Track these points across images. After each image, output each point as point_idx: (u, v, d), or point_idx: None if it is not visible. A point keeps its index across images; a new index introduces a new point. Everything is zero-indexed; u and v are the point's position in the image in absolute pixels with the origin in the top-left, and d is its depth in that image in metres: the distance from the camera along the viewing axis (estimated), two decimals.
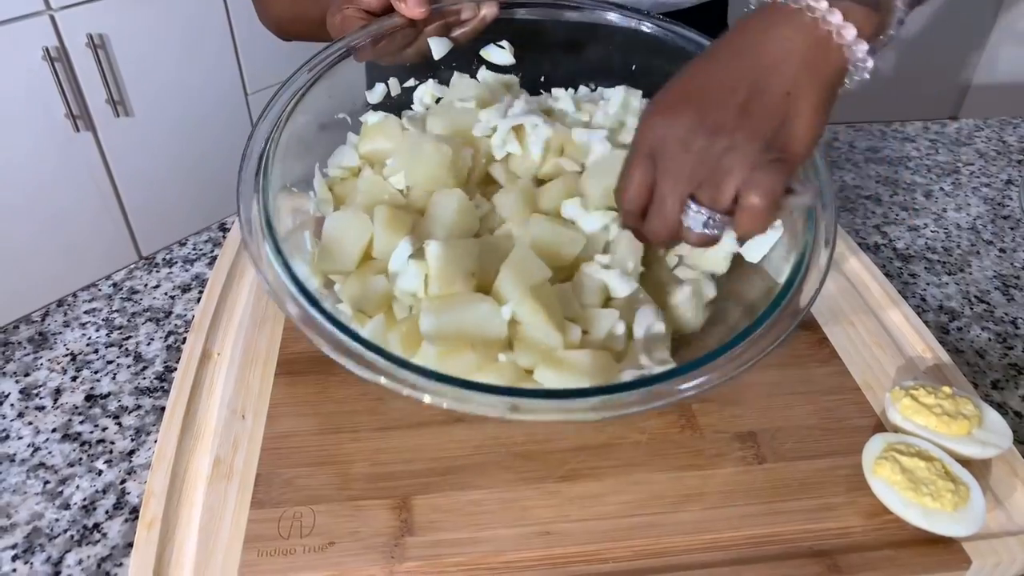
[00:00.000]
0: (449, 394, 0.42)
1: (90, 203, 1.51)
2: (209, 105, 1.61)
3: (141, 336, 0.60)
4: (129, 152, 1.52)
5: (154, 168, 1.57)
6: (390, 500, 0.47)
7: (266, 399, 0.53)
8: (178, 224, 0.69)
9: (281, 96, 0.55)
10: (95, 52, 1.38)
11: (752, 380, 0.55)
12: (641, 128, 0.44)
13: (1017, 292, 0.67)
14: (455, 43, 0.62)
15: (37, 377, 0.57)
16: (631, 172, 0.44)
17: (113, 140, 1.49)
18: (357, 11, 0.60)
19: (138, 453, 0.51)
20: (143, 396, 0.55)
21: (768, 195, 0.41)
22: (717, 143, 0.41)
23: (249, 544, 0.44)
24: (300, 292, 0.46)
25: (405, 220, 0.54)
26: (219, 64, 1.60)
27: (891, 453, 0.47)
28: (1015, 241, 0.73)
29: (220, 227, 0.72)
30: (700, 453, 0.50)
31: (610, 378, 0.47)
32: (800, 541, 0.45)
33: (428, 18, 0.59)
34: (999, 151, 0.87)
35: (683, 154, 0.42)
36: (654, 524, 0.46)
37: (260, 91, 1.69)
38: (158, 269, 0.67)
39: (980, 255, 0.71)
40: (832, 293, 0.62)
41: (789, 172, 0.42)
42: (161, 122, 1.55)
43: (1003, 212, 0.77)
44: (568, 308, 0.50)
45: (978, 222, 0.75)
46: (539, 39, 0.66)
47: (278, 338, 0.58)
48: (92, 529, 0.47)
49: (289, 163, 0.55)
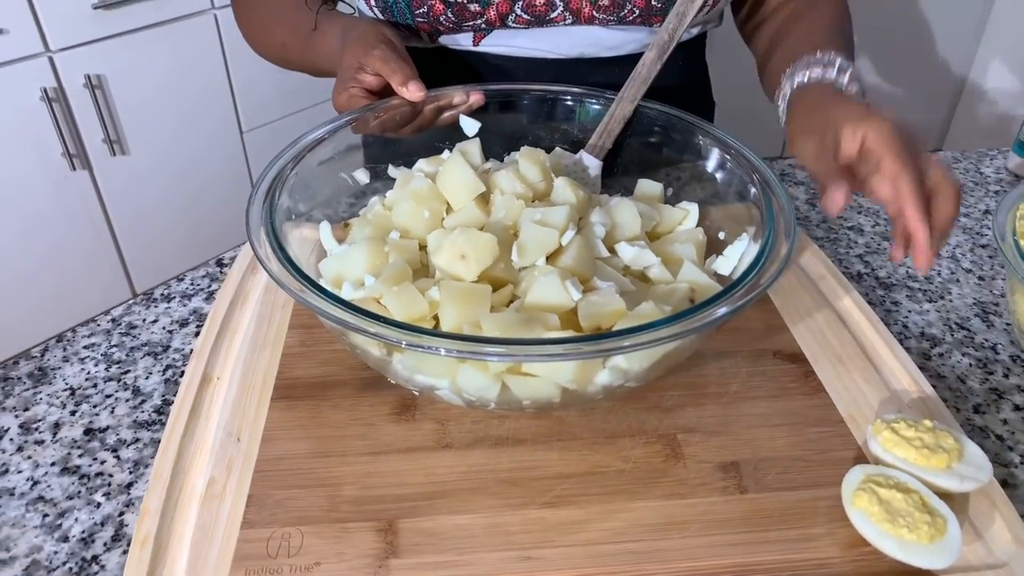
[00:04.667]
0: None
1: (86, 241, 1.53)
2: (205, 144, 1.64)
3: (139, 370, 0.62)
4: (125, 190, 1.55)
5: (149, 206, 1.60)
6: (377, 523, 0.48)
7: (261, 422, 0.54)
8: (173, 261, 0.72)
9: (294, 146, 0.62)
10: (92, 92, 1.42)
11: (738, 411, 0.56)
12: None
13: (996, 318, 0.68)
14: (444, 124, 0.70)
15: (36, 412, 0.58)
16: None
17: (109, 178, 1.52)
18: (361, 91, 0.67)
19: (136, 485, 0.53)
20: (141, 429, 0.57)
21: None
22: None
23: (238, 563, 0.45)
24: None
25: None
26: (215, 103, 1.63)
27: (870, 484, 0.47)
28: (993, 269, 0.74)
29: (217, 263, 0.74)
30: (683, 482, 0.51)
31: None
32: (779, 571, 0.46)
33: (425, 100, 0.66)
34: (976, 182, 0.88)
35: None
36: (635, 552, 0.47)
37: (255, 129, 1.72)
38: (156, 304, 0.69)
39: (960, 283, 0.72)
40: (821, 328, 0.63)
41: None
42: (157, 161, 1.58)
43: (981, 241, 0.78)
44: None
45: (957, 251, 0.77)
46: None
47: (276, 363, 0.59)
48: (91, 561, 0.48)
49: (293, 200, 0.59)
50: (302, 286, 0.48)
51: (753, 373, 0.59)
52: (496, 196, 0.60)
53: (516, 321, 0.49)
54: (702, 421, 0.55)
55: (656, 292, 0.56)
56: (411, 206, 0.58)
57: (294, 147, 0.61)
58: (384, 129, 0.67)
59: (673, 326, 0.46)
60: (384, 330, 0.45)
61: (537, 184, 0.62)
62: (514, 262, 0.56)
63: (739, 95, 1.19)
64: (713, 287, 0.56)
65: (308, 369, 0.59)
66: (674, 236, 0.63)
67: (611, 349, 0.45)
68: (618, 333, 0.46)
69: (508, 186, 0.60)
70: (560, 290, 0.51)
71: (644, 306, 0.51)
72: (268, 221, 0.54)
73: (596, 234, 0.59)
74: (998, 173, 0.90)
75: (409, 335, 0.45)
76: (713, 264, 0.61)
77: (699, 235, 0.62)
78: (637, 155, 0.72)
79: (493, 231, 0.55)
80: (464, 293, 0.51)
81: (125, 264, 1.61)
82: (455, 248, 0.53)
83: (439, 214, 0.59)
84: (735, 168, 0.63)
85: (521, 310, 0.52)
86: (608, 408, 0.56)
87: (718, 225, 0.64)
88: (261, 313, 0.64)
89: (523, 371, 0.49)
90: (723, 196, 0.64)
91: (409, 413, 0.56)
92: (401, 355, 0.50)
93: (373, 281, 0.53)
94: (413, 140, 0.69)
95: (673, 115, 0.68)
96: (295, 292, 0.48)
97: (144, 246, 1.61)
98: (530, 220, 0.56)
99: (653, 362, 0.50)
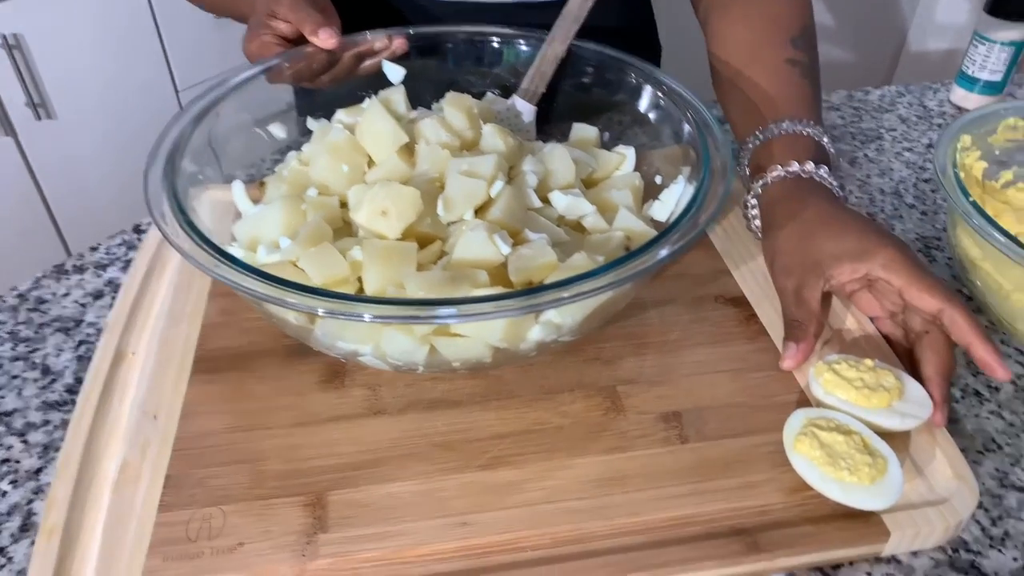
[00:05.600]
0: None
1: (16, 210, 1.45)
2: (138, 104, 1.55)
3: (49, 348, 0.58)
4: (54, 156, 1.46)
5: (82, 171, 1.51)
6: (303, 497, 0.45)
7: (180, 399, 0.51)
8: (111, 227, 0.67)
9: (197, 104, 0.57)
10: (10, 52, 1.33)
11: (679, 359, 0.54)
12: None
13: (938, 253, 0.68)
14: (367, 72, 0.65)
15: None
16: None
17: (36, 144, 1.44)
18: (274, 37, 0.62)
19: (46, 471, 0.49)
20: (51, 411, 0.53)
21: None
22: None
23: (154, 549, 0.43)
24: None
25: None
26: (146, 61, 1.54)
27: (811, 428, 0.46)
28: (935, 204, 0.73)
29: (135, 229, 0.70)
30: (623, 435, 0.49)
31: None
32: (722, 520, 0.45)
33: (343, 47, 0.63)
34: (920, 116, 0.87)
35: None
36: (575, 510, 0.45)
37: (191, 87, 1.63)
38: (68, 276, 0.65)
39: (903, 218, 0.71)
40: (764, 270, 0.61)
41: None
42: (87, 124, 1.49)
43: (924, 175, 0.77)
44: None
45: (901, 186, 0.76)
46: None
47: (195, 335, 0.56)
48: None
49: (199, 163, 0.54)
50: (193, 243, 0.45)
51: (695, 320, 0.58)
52: (421, 147, 0.57)
53: (442, 280, 0.47)
54: (643, 371, 0.53)
55: (590, 242, 0.54)
56: (329, 160, 0.55)
57: (197, 104, 0.56)
58: (299, 79, 0.62)
59: (607, 275, 0.44)
60: (299, 298, 0.42)
61: (464, 132, 0.58)
62: (440, 216, 0.53)
63: (688, 40, 1.15)
64: (648, 233, 0.53)
65: (230, 340, 0.56)
66: (610, 182, 0.61)
67: (541, 304, 0.43)
68: (548, 287, 0.44)
69: (433, 135, 0.57)
70: (488, 244, 0.49)
71: (576, 257, 0.49)
72: (170, 189, 0.49)
73: (528, 183, 0.56)
74: (941, 107, 0.89)
75: (321, 301, 0.42)
76: (649, 210, 0.58)
77: (636, 180, 0.60)
78: (572, 99, 0.68)
79: (417, 184, 0.52)
80: (387, 252, 0.48)
81: (61, 233, 1.54)
82: (376, 204, 0.50)
83: (360, 168, 0.56)
84: (669, 107, 0.60)
85: (448, 267, 0.49)
86: (546, 363, 0.54)
87: (655, 169, 0.62)
88: (179, 283, 0.61)
89: (451, 332, 0.47)
90: (659, 137, 0.62)
91: (339, 380, 0.53)
92: (321, 322, 0.47)
93: (289, 243, 0.50)
94: (339, 90, 0.65)
95: (606, 55, 0.65)
96: (185, 251, 0.44)
97: (79, 213, 1.53)
98: (456, 171, 0.53)
99: (587, 315, 0.48)
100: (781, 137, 0.60)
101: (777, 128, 0.61)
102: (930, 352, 0.50)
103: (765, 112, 0.62)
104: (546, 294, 0.43)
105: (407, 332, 0.46)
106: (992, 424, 0.52)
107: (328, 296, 0.42)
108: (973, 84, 0.87)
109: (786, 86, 0.63)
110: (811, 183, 0.58)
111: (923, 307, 0.50)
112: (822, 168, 0.58)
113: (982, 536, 0.46)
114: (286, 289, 0.42)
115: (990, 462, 0.50)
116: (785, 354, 0.52)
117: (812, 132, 0.60)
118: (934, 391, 0.48)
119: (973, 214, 0.52)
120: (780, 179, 0.59)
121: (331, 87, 0.65)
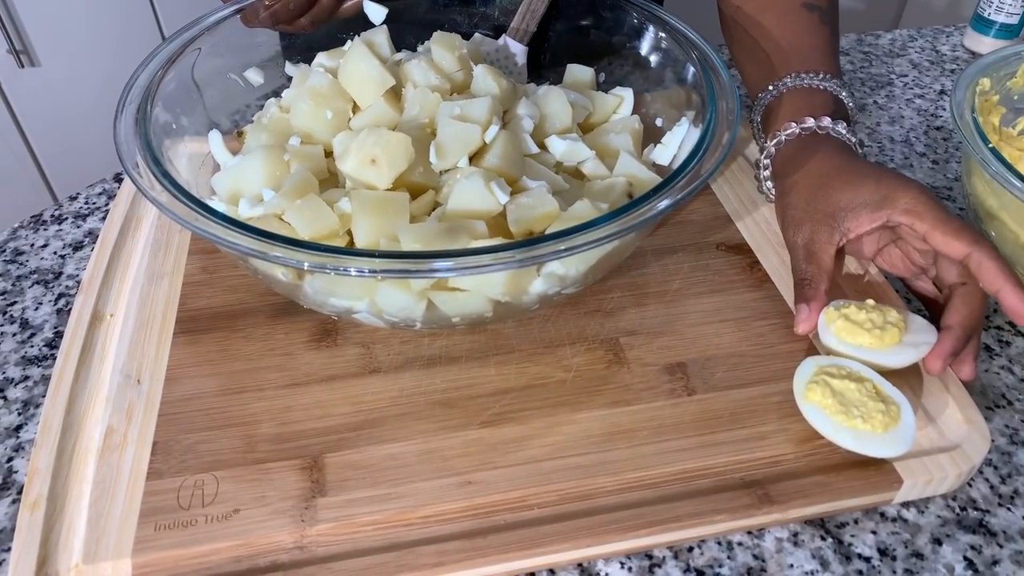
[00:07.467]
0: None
1: (1, 159, 1.41)
2: (124, 51, 1.47)
3: (28, 301, 0.55)
4: (38, 104, 1.42)
5: (68, 119, 1.47)
6: (300, 460, 0.44)
7: (164, 361, 0.49)
8: (98, 174, 0.64)
9: (166, 47, 0.53)
10: None
11: (682, 309, 0.53)
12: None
13: (949, 203, 0.66)
14: (348, 13, 0.61)
15: None
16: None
17: (19, 92, 1.39)
18: None
19: (26, 428, 0.47)
20: (31, 366, 0.51)
21: None
22: None
23: (145, 518, 0.41)
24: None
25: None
26: (132, 6, 1.48)
27: (822, 377, 0.45)
28: (947, 152, 0.71)
29: (116, 178, 0.66)
30: (628, 388, 0.48)
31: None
32: (731, 473, 0.44)
33: None
34: (933, 61, 0.85)
35: None
36: (580, 466, 0.44)
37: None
38: (46, 227, 0.61)
39: (914, 168, 0.69)
40: (766, 216, 0.60)
41: None
42: (72, 71, 1.44)
43: (936, 123, 0.75)
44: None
45: (911, 134, 0.73)
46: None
47: (176, 294, 0.53)
48: None
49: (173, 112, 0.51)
50: (171, 196, 0.42)
51: (696, 268, 0.56)
52: (408, 90, 0.53)
53: (438, 231, 0.44)
54: (645, 322, 0.52)
55: (592, 189, 0.51)
56: (311, 106, 0.51)
57: (166, 46, 0.52)
58: (277, 20, 0.58)
59: (611, 224, 0.42)
60: (288, 252, 0.39)
61: (454, 74, 0.55)
62: (433, 164, 0.50)
63: None
64: (653, 179, 0.51)
65: (213, 298, 0.53)
66: (609, 126, 0.58)
67: (545, 255, 0.41)
68: (552, 236, 0.41)
69: (421, 78, 0.54)
70: (485, 193, 0.46)
71: (579, 205, 0.46)
72: (144, 137, 0.46)
73: (523, 128, 0.53)
74: (954, 51, 0.86)
75: (314, 255, 0.39)
76: (651, 154, 0.56)
77: (635, 123, 0.57)
78: (566, 39, 0.65)
79: (407, 130, 0.49)
80: (378, 203, 0.46)
81: (48, 180, 1.49)
82: (364, 152, 0.47)
83: (344, 114, 0.53)
84: (673, 48, 0.57)
85: (444, 218, 0.47)
86: (546, 316, 0.52)
87: (655, 112, 0.59)
88: (157, 239, 0.58)
89: (450, 286, 0.45)
90: (660, 79, 0.59)
91: (330, 339, 0.51)
92: (312, 278, 0.44)
93: (273, 195, 0.47)
94: (319, 33, 0.61)
95: None
96: (163, 204, 0.41)
97: (66, 161, 1.49)
98: (448, 115, 0.50)
99: (591, 265, 0.46)
100: (796, 90, 0.57)
101: (792, 81, 0.57)
102: (960, 302, 0.47)
103: (778, 64, 0.58)
104: (548, 245, 0.41)
105: (403, 287, 0.44)
106: (1003, 379, 0.51)
107: (320, 250, 0.40)
108: (989, 27, 0.84)
109: (804, 34, 0.59)
110: (826, 138, 0.55)
111: (950, 252, 0.47)
112: (840, 123, 0.55)
113: (991, 494, 0.45)
114: (276, 244, 0.39)
115: (999, 418, 0.49)
116: (798, 318, 0.49)
117: (829, 86, 0.57)
118: (946, 338, 0.46)
119: (992, 161, 0.49)
120: (795, 136, 0.55)
121: (311, 30, 0.61)
